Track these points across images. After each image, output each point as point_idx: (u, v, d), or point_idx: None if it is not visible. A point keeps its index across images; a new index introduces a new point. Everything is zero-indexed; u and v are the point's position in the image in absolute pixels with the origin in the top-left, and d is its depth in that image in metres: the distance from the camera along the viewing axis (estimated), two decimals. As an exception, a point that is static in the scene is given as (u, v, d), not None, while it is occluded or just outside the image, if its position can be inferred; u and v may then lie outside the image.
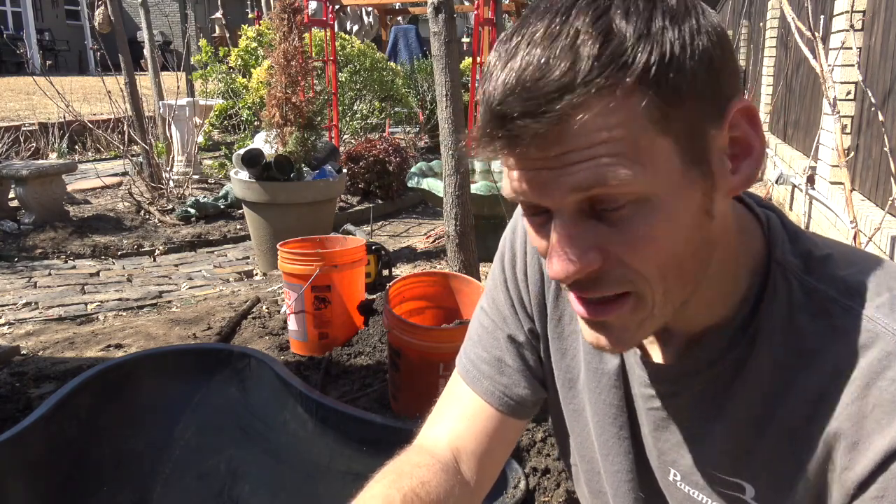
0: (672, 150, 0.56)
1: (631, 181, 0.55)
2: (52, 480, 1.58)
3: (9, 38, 14.45)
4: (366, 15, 11.52)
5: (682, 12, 0.56)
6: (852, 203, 2.79)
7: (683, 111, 0.56)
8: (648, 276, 0.60)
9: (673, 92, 0.55)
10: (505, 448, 0.89)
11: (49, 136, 7.59)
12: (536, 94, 0.54)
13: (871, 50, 3.47)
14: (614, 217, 0.58)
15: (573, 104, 0.53)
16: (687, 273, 0.61)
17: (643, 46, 0.54)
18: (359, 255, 2.90)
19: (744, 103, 0.59)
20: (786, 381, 0.63)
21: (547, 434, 2.00)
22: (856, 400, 0.58)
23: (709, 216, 0.60)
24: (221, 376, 1.87)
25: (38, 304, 3.76)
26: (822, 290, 0.62)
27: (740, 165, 0.60)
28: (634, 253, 0.59)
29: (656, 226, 0.58)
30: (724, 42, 0.59)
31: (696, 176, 0.58)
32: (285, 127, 4.28)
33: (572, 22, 0.55)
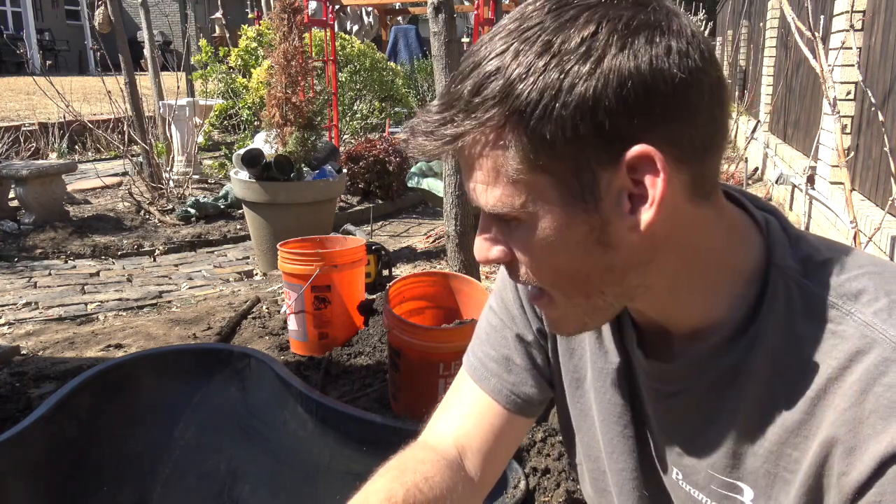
0: (547, 185, 0.61)
1: (501, 207, 0.62)
2: (52, 480, 1.58)
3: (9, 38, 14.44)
4: (366, 15, 11.51)
5: (577, 56, 0.57)
6: (852, 203, 2.79)
7: (556, 152, 0.59)
8: (541, 281, 0.67)
9: (538, 136, 0.58)
10: (510, 446, 0.90)
11: (49, 136, 7.59)
12: (433, 119, 0.63)
13: (871, 50, 3.47)
14: (507, 225, 0.66)
15: (455, 132, 0.61)
16: (587, 289, 0.66)
17: (515, 88, 0.58)
18: (359, 255, 2.90)
19: (644, 150, 0.58)
20: (783, 385, 0.63)
21: (547, 434, 2.00)
22: (852, 405, 0.58)
23: (604, 246, 0.63)
24: (221, 376, 1.87)
25: (38, 304, 3.76)
26: (820, 295, 0.63)
27: (639, 208, 0.61)
28: (525, 262, 0.66)
29: (536, 246, 0.64)
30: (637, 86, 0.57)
31: (579, 211, 0.61)
32: (285, 127, 4.28)
33: (489, 48, 0.61)
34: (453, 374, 2.36)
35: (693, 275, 0.66)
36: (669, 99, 0.58)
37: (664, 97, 0.58)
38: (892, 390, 0.57)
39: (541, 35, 0.58)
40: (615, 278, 0.65)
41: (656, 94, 0.57)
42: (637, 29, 0.57)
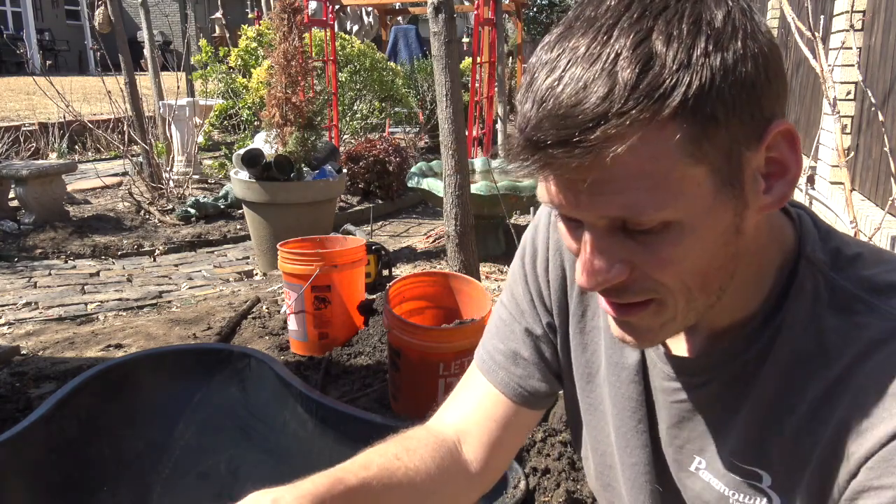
0: (705, 176, 0.57)
1: (658, 213, 0.56)
2: (52, 480, 1.58)
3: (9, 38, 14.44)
4: (366, 15, 11.51)
5: (728, 34, 0.55)
6: (852, 203, 2.79)
7: (719, 138, 0.56)
8: (672, 289, 0.62)
9: (710, 121, 0.54)
10: (515, 439, 0.91)
11: (49, 136, 7.59)
12: (570, 124, 0.53)
13: (871, 50, 3.47)
14: (641, 237, 0.59)
15: (607, 135, 0.53)
16: (711, 284, 0.63)
17: (682, 77, 0.53)
18: (359, 255, 2.90)
19: (784, 125, 0.59)
20: (806, 374, 0.64)
21: (547, 434, 2.00)
22: (867, 388, 0.59)
23: (738, 233, 0.61)
24: (221, 376, 1.87)
25: (38, 304, 3.76)
26: (847, 288, 0.63)
27: (774, 185, 0.61)
28: (661, 270, 0.61)
29: (683, 247, 0.59)
30: (772, 62, 0.58)
31: (728, 197, 0.59)
32: (285, 127, 4.28)
33: (613, 43, 0.54)
34: (453, 374, 2.37)
35: (754, 263, 0.67)
36: (784, 74, 0.60)
37: (783, 73, 0.60)
38: None
39: (683, 16, 0.55)
40: (734, 268, 0.64)
41: (780, 70, 0.59)
42: (751, 8, 0.59)
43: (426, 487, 0.81)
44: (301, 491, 0.73)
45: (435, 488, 0.82)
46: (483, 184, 4.10)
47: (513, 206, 4.31)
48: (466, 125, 4.89)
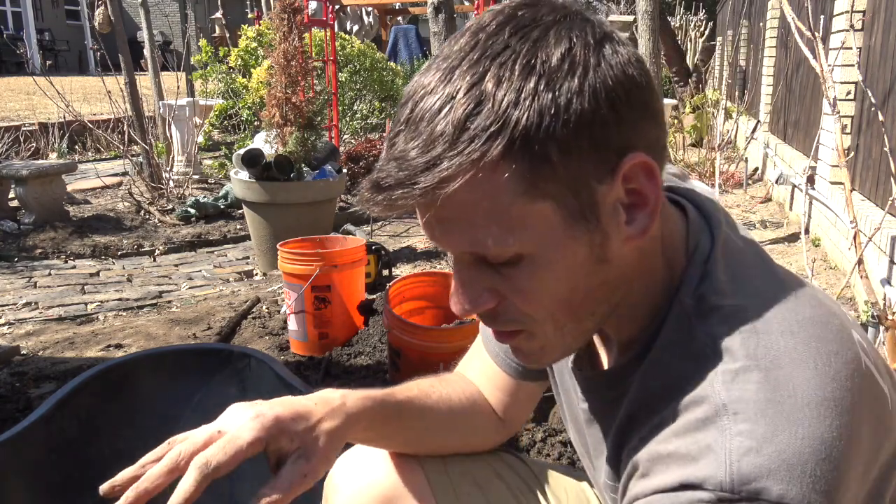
0: (549, 211, 0.58)
1: (503, 247, 0.59)
2: (52, 480, 1.58)
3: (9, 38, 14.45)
4: (366, 15, 11.52)
5: (563, 73, 0.56)
6: (852, 203, 2.79)
7: (559, 174, 0.57)
8: (537, 319, 0.64)
9: (541, 159, 0.56)
10: (524, 400, 1.00)
11: (49, 136, 7.59)
12: (407, 167, 0.56)
13: (871, 50, 3.47)
14: (501, 268, 0.62)
15: (440, 177, 0.55)
16: (579, 311, 0.65)
17: (510, 118, 0.54)
18: (359, 255, 2.90)
19: (638, 158, 0.59)
20: (648, 410, 0.65)
21: (547, 434, 2.00)
22: (661, 443, 0.61)
23: (602, 262, 0.62)
24: (221, 376, 1.86)
25: (38, 304, 3.76)
26: (701, 340, 0.63)
27: (636, 217, 0.61)
28: (522, 301, 0.63)
29: (539, 279, 0.61)
30: (623, 94, 0.58)
31: (582, 230, 0.60)
32: (285, 127, 4.28)
33: (453, 83, 0.56)
34: (453, 374, 2.35)
35: (645, 290, 0.68)
36: (642, 104, 0.60)
37: (639, 103, 0.59)
38: (693, 445, 0.58)
39: (517, 58, 0.56)
40: (607, 295, 0.65)
41: (635, 100, 0.59)
42: (601, 41, 0.58)
43: (459, 412, 0.93)
44: (361, 394, 0.83)
45: (466, 416, 0.94)
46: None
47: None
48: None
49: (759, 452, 0.55)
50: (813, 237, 4.15)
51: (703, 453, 0.57)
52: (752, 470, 0.54)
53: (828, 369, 0.58)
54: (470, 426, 0.97)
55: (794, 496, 0.53)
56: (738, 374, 0.59)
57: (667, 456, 0.59)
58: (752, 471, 0.54)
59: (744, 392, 0.58)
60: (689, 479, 0.56)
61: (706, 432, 0.58)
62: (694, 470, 0.56)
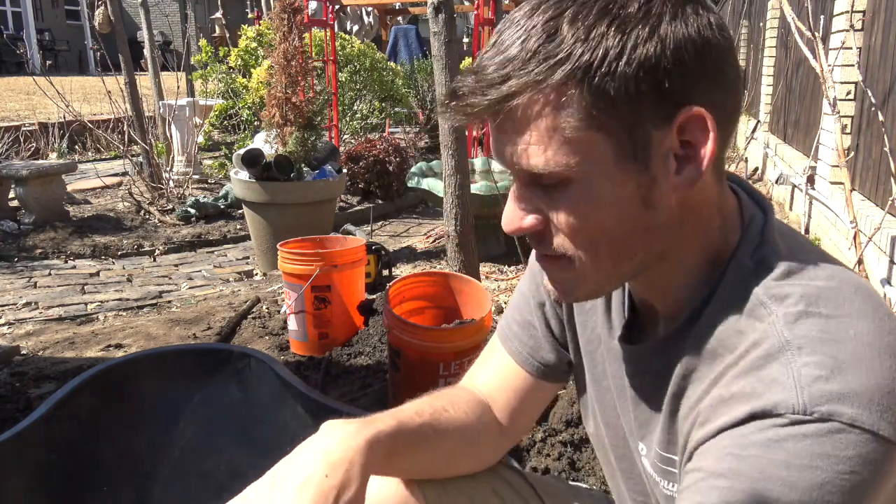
0: (602, 142, 0.62)
1: (553, 167, 0.63)
2: (52, 480, 1.58)
3: (9, 38, 14.44)
4: (366, 15, 11.51)
5: (637, 19, 0.61)
6: (852, 203, 2.79)
7: (615, 110, 0.61)
8: (576, 245, 0.67)
9: (600, 93, 0.60)
10: (535, 405, 0.99)
11: (49, 136, 7.59)
12: (482, 79, 0.63)
13: (871, 50, 3.47)
14: (551, 190, 0.66)
15: (509, 91, 0.61)
16: (620, 252, 0.68)
17: (575, 50, 0.60)
18: (359, 255, 2.90)
19: (696, 112, 0.62)
20: (705, 368, 0.67)
21: (547, 434, 2.00)
22: (722, 387, 0.62)
23: (647, 207, 0.65)
24: (221, 376, 1.86)
25: (38, 304, 3.76)
26: (758, 295, 0.65)
27: (685, 168, 0.65)
28: (565, 225, 0.66)
29: (582, 206, 0.65)
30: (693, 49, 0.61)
31: (631, 169, 0.63)
32: (285, 127, 4.28)
33: (534, 18, 0.62)
34: (453, 375, 2.37)
35: (695, 251, 0.70)
36: (714, 65, 0.63)
37: (710, 64, 0.63)
38: (758, 382, 0.59)
39: (597, 1, 0.61)
40: (647, 242, 0.68)
41: (705, 59, 0.62)
42: (685, 1, 0.63)
43: (468, 436, 0.93)
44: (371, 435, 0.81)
45: (475, 437, 0.93)
46: (483, 184, 4.10)
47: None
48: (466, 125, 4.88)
49: (827, 380, 0.57)
50: (813, 237, 4.15)
51: (769, 387, 0.58)
52: (823, 394, 0.56)
53: (883, 325, 0.61)
54: (477, 448, 0.96)
55: (865, 420, 0.55)
56: (800, 317, 0.61)
57: (730, 397, 0.60)
58: (823, 395, 0.56)
59: (808, 330, 0.60)
60: (757, 409, 0.57)
61: (770, 368, 0.59)
62: (761, 401, 0.57)
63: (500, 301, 3.33)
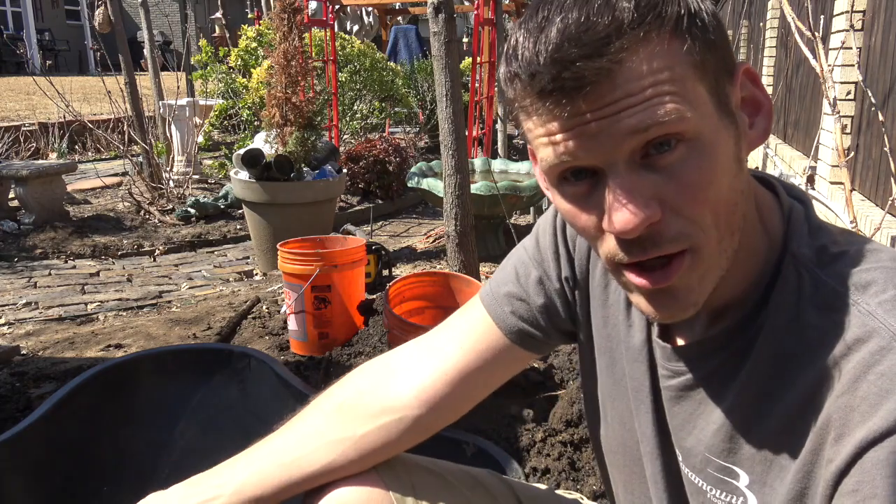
0: (707, 96, 0.61)
1: (682, 118, 0.58)
2: (52, 480, 1.58)
3: (9, 38, 14.44)
4: (366, 15, 11.51)
5: None
6: (852, 203, 2.79)
7: (712, 60, 0.61)
8: (703, 225, 0.61)
9: (703, 40, 0.60)
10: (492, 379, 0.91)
11: (49, 136, 7.59)
12: (589, 40, 0.57)
13: (871, 50, 3.47)
14: (666, 163, 0.60)
15: (623, 47, 0.57)
16: (734, 221, 0.64)
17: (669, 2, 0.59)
18: (359, 255, 2.90)
19: (746, 65, 0.64)
20: (786, 372, 0.63)
21: (547, 434, 2.00)
22: (846, 392, 0.58)
23: (740, 165, 0.64)
24: (221, 376, 1.87)
25: (38, 304, 3.76)
26: (830, 285, 0.63)
27: (755, 121, 0.66)
28: (690, 198, 0.60)
29: (705, 168, 0.60)
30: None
31: (728, 123, 0.62)
32: (285, 127, 4.28)
33: None
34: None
35: (743, 241, 0.66)
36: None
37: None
38: (884, 378, 0.56)
39: None
40: (744, 209, 0.66)
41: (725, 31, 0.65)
42: None
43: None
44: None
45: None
46: (483, 184, 4.10)
47: (513, 206, 4.31)
48: (466, 125, 4.89)
49: None
50: (813, 237, 4.14)
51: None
52: None
53: None
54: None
55: None
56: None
57: (861, 400, 0.57)
58: None
59: None
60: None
61: (888, 361, 0.57)
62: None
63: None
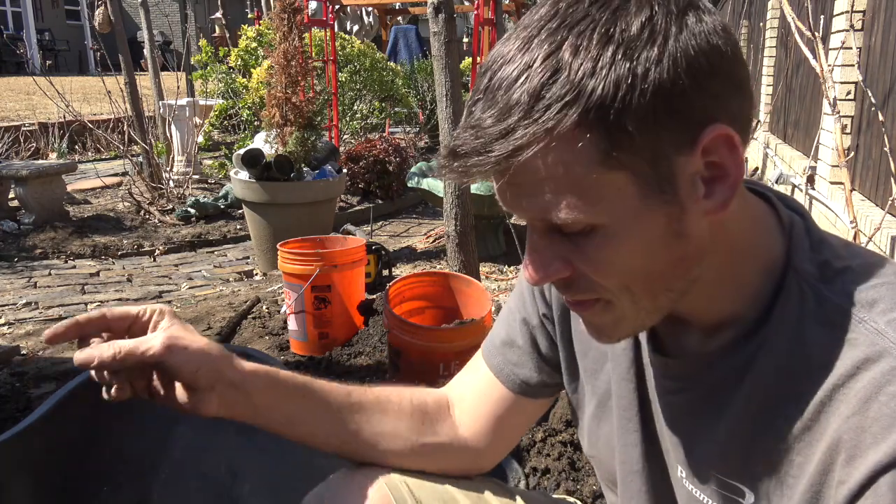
0: (624, 183, 0.57)
1: (574, 215, 0.58)
2: (52, 480, 1.58)
3: (9, 38, 14.45)
4: (366, 15, 11.51)
5: (642, 42, 0.55)
6: (852, 203, 2.79)
7: (635, 145, 0.55)
8: (611, 289, 0.63)
9: (617, 130, 0.55)
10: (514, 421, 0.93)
11: (49, 136, 7.59)
12: (482, 134, 0.56)
13: (871, 50, 3.47)
14: (574, 238, 0.61)
15: (515, 146, 0.55)
16: (656, 287, 0.63)
17: (585, 86, 0.54)
18: (359, 255, 2.90)
19: (720, 130, 0.58)
20: (790, 388, 0.62)
21: (547, 434, 2.00)
22: (856, 413, 0.57)
23: (679, 237, 0.61)
24: (221, 376, 1.86)
25: (38, 304, 3.76)
26: (835, 301, 0.62)
27: (715, 190, 0.60)
28: (594, 271, 0.62)
29: (612, 250, 0.60)
30: (704, 64, 0.56)
31: (658, 203, 0.58)
32: (285, 127, 4.28)
33: (530, 52, 0.56)
34: (454, 375, 2.36)
35: (732, 264, 0.66)
36: (727, 75, 0.58)
37: (724, 73, 0.58)
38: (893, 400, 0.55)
39: (595, 26, 0.55)
40: (683, 271, 0.63)
41: (718, 71, 0.57)
42: (684, 10, 0.57)
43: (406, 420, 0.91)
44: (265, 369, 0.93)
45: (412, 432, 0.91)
46: (483, 184, 4.10)
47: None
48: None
49: None
50: (813, 237, 4.14)
51: None
52: None
53: None
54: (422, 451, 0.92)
55: None
56: None
57: (874, 421, 0.56)
58: None
59: None
60: None
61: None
62: None
63: (500, 301, 3.32)
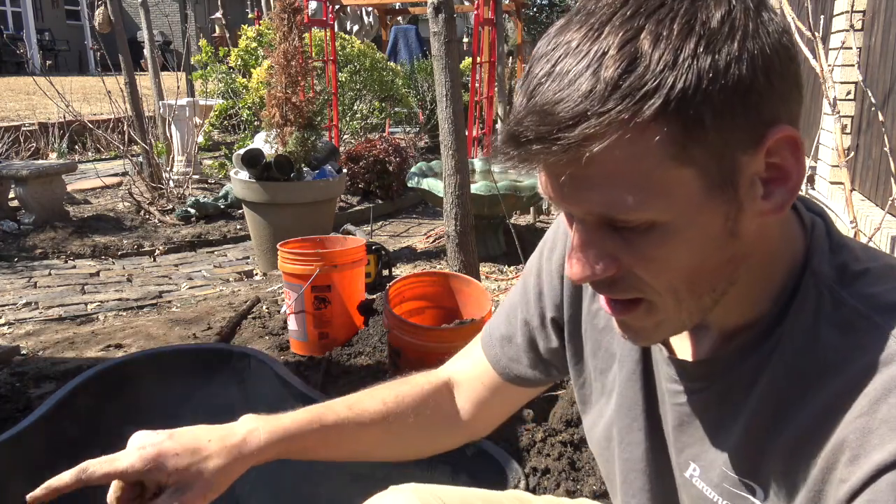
0: (691, 178, 0.56)
1: (640, 212, 0.56)
2: (52, 480, 1.58)
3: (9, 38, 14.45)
4: (366, 15, 11.51)
5: (723, 35, 0.54)
6: (852, 203, 2.79)
7: (708, 141, 0.54)
8: (658, 289, 0.61)
9: (695, 124, 0.53)
10: (504, 405, 1.00)
11: (49, 136, 7.59)
12: (550, 121, 0.54)
13: (871, 50, 3.47)
14: (628, 234, 0.59)
15: (585, 134, 0.53)
16: (702, 287, 0.62)
17: (665, 79, 0.52)
18: (359, 255, 2.90)
19: (786, 132, 0.57)
20: (802, 389, 0.62)
21: (547, 434, 2.00)
22: (864, 414, 0.57)
23: (733, 237, 0.60)
24: (221, 376, 1.87)
25: (38, 304, 3.76)
26: (851, 305, 0.61)
27: (774, 191, 0.59)
28: (645, 269, 0.60)
29: (668, 248, 0.59)
30: (777, 64, 0.56)
31: (720, 200, 0.57)
32: (285, 127, 4.28)
33: (602, 41, 0.54)
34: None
35: (763, 266, 0.65)
36: (793, 77, 0.58)
37: (791, 75, 0.57)
38: None
39: (675, 17, 0.53)
40: (730, 272, 0.62)
41: (787, 72, 0.57)
42: (759, 7, 0.57)
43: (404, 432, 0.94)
44: (277, 424, 0.88)
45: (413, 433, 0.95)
46: (483, 184, 4.10)
47: (513, 206, 4.31)
48: (466, 125, 4.89)
49: None
50: (813, 237, 4.14)
51: None
52: None
53: None
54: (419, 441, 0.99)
55: None
56: None
57: (881, 423, 0.55)
58: None
59: None
60: None
61: None
62: None
63: (500, 301, 3.33)
